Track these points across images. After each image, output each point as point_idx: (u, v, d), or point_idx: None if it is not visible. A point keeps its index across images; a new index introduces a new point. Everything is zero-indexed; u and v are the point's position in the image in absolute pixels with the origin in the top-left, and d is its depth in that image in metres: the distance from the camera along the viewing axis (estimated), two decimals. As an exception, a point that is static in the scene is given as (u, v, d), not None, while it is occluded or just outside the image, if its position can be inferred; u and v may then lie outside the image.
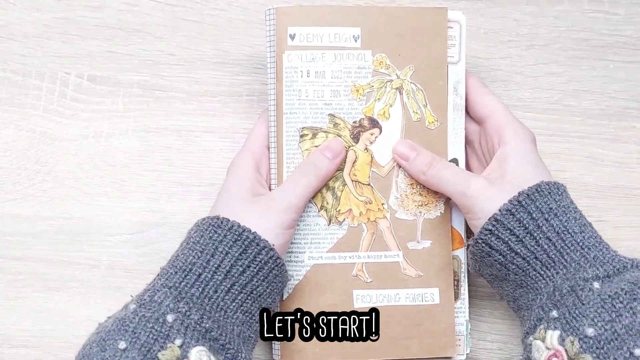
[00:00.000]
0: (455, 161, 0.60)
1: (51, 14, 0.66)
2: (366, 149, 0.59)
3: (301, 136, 0.58)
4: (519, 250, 0.53)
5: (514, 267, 0.54)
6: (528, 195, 0.53)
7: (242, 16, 0.66)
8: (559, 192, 0.54)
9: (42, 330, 0.62)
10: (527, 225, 0.53)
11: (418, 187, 0.59)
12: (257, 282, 0.52)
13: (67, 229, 0.63)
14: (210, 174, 0.64)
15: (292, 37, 0.58)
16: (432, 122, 0.60)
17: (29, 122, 0.64)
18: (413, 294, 0.59)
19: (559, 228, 0.53)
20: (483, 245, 0.55)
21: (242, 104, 0.65)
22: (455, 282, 0.60)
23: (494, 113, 0.59)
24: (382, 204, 0.59)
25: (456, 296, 0.60)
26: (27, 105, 0.65)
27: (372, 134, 0.59)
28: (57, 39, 0.65)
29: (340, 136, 0.59)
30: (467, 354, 0.60)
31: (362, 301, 0.58)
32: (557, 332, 0.49)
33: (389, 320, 0.58)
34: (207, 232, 0.53)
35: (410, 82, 0.59)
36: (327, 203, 0.59)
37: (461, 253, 0.60)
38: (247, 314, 0.53)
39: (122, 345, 0.47)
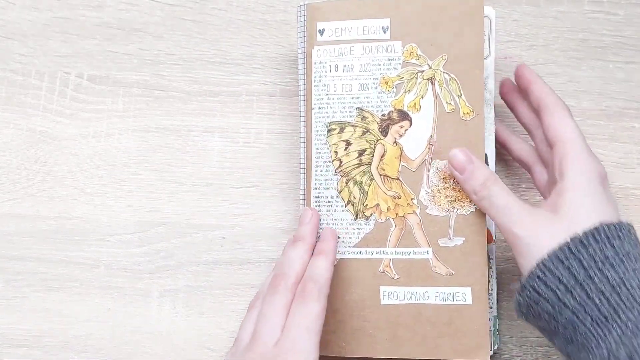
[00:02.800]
0: (485, 156, 0.58)
1: (50, 13, 0.66)
2: (395, 142, 0.58)
3: (328, 130, 0.58)
4: (567, 302, 0.48)
5: (563, 319, 0.48)
6: (581, 240, 0.48)
7: (242, 16, 0.66)
8: (620, 237, 0.49)
9: (41, 330, 0.62)
10: (576, 275, 0.48)
11: (451, 181, 0.56)
12: None
13: (66, 228, 0.63)
14: (210, 174, 0.64)
15: (322, 32, 0.58)
16: (468, 112, 0.57)
17: (29, 121, 0.64)
18: (443, 292, 0.56)
19: (615, 280, 0.47)
20: (531, 291, 0.50)
21: (242, 103, 0.65)
22: None
23: (562, 140, 0.53)
24: (412, 199, 0.57)
25: None
26: (27, 104, 0.64)
27: (401, 127, 0.58)
28: (57, 38, 0.65)
29: (368, 129, 0.58)
30: (494, 350, 0.59)
31: (388, 298, 0.57)
32: None
33: (417, 318, 0.56)
34: None
35: (443, 72, 0.57)
36: (354, 198, 0.58)
37: (490, 249, 0.59)
38: None
39: None
